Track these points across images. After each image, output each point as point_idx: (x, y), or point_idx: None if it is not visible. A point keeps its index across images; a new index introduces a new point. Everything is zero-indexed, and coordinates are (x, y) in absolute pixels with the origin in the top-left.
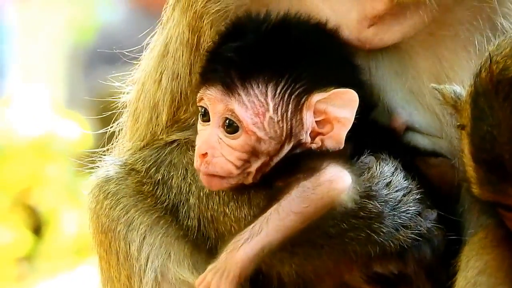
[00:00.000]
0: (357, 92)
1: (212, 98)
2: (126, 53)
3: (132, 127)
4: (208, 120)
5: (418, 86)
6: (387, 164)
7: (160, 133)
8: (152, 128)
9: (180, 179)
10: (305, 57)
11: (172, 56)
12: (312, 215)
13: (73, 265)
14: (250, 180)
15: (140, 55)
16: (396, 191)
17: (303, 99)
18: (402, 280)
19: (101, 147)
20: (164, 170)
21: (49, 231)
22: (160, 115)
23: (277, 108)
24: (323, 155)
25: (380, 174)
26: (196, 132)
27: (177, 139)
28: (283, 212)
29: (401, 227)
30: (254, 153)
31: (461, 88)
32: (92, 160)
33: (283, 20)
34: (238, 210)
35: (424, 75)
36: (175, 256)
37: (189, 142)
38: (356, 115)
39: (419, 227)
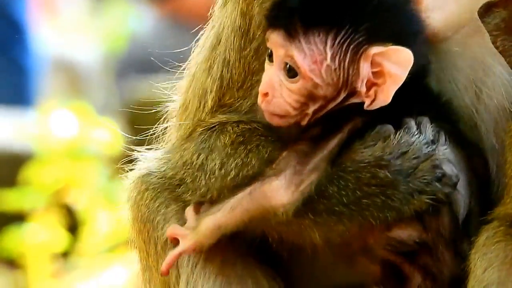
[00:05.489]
0: (415, 52)
1: (274, 42)
2: (158, 62)
3: (181, 117)
4: (273, 61)
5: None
6: (408, 133)
7: (205, 117)
8: (199, 115)
9: (213, 163)
10: (367, 9)
11: (223, 44)
12: (252, 218)
13: (107, 262)
14: (306, 120)
15: (172, 63)
16: (414, 158)
17: (361, 50)
18: (422, 249)
19: (133, 149)
20: (203, 156)
21: (84, 229)
22: (207, 101)
23: (335, 57)
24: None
25: (396, 144)
26: (240, 114)
27: (217, 122)
28: (235, 203)
29: (417, 193)
30: (311, 97)
31: None
32: (126, 159)
33: None
34: None
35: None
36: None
37: (225, 124)
38: (410, 78)
39: (436, 192)
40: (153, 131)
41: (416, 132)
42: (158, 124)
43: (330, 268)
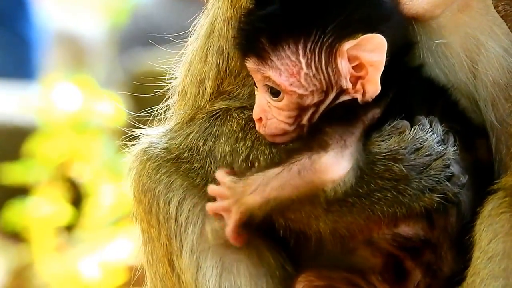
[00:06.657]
0: (388, 34)
1: (251, 69)
2: (160, 36)
3: (180, 103)
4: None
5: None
6: (422, 129)
7: (205, 104)
8: (198, 101)
9: (221, 148)
10: (329, 10)
11: (217, 34)
12: (302, 192)
13: (111, 235)
14: (304, 131)
15: (174, 38)
16: (426, 155)
17: (334, 49)
18: (426, 247)
19: (136, 125)
20: (210, 142)
21: (88, 203)
22: (206, 89)
23: (310, 63)
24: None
25: (411, 139)
26: (240, 101)
27: (219, 109)
28: (281, 180)
29: (428, 190)
30: (301, 108)
31: None
32: (128, 136)
33: None
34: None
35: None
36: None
37: (229, 111)
38: (391, 59)
39: (446, 191)
40: (155, 106)
41: (430, 130)
42: (161, 98)
43: (333, 254)
